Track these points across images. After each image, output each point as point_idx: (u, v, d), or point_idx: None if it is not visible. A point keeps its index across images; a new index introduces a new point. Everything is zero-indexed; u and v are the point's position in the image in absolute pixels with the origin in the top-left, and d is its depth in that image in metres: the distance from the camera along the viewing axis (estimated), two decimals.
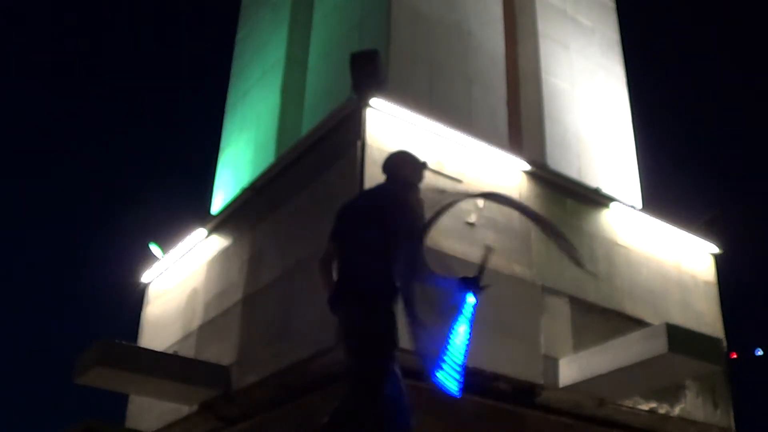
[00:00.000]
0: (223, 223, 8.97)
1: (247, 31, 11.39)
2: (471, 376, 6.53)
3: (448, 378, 3.49)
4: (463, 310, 3.58)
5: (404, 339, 3.63)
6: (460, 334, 3.54)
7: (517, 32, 9.47)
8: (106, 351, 7.48)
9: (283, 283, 7.40)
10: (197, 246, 9.28)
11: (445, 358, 3.49)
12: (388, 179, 4.05)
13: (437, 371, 3.49)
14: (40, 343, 28.57)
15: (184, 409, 8.30)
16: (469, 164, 7.48)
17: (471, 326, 3.59)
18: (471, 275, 3.66)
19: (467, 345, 3.56)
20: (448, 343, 3.51)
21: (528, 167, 7.87)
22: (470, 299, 3.60)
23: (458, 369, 3.50)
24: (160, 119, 31.76)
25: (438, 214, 3.93)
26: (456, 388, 3.49)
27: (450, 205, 4.17)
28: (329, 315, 3.80)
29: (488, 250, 3.81)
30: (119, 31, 33.54)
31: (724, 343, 8.45)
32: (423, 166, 4.09)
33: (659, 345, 6.47)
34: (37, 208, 30.75)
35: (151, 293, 10.13)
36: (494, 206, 7.47)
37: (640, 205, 9.08)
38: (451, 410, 6.57)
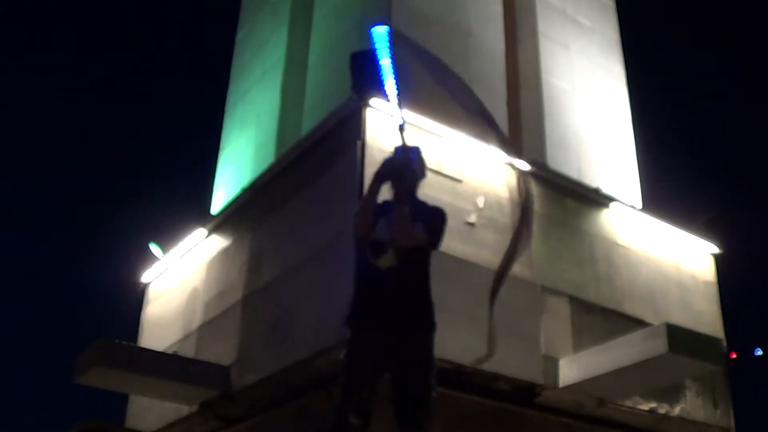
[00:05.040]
0: (223, 223, 8.97)
1: (247, 31, 11.38)
2: (471, 376, 6.60)
3: None
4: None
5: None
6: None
7: (517, 32, 9.45)
8: (106, 351, 7.47)
9: (283, 283, 7.40)
10: (197, 246, 9.27)
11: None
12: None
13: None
14: (41, 342, 28.59)
15: (184, 409, 8.30)
16: (469, 164, 7.48)
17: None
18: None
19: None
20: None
21: (528, 167, 7.86)
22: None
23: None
24: (161, 119, 31.80)
25: None
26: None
27: None
28: (329, 315, 3.81)
29: None
30: (120, 30, 33.56)
31: (724, 343, 8.45)
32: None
33: (659, 345, 6.47)
34: (37, 207, 30.79)
35: (151, 293, 10.12)
36: (494, 206, 7.48)
37: (640, 205, 9.08)
38: (451, 410, 6.58)
